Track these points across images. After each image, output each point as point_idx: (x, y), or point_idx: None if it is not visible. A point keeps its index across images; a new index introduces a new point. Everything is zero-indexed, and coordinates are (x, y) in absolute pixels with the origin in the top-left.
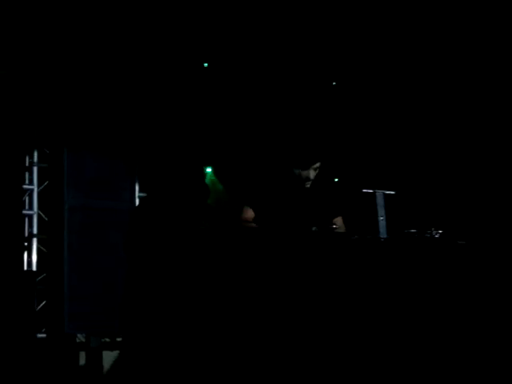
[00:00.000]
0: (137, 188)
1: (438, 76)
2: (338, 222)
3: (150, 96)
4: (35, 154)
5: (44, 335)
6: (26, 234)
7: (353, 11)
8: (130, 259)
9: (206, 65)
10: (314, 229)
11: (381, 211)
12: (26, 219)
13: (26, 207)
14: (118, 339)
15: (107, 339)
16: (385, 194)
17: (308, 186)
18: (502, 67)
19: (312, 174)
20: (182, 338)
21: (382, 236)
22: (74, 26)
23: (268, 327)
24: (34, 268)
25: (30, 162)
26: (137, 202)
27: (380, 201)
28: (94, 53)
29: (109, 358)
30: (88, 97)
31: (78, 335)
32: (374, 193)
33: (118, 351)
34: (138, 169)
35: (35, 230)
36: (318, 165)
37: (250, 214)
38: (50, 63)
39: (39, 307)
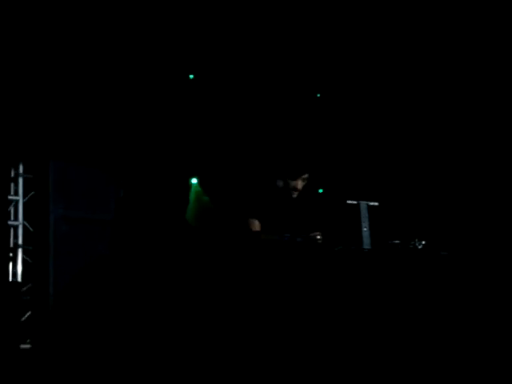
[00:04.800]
0: None
1: (421, 88)
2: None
3: (136, 106)
4: (20, 164)
5: (28, 346)
6: (12, 245)
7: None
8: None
9: (191, 76)
10: (298, 240)
11: (364, 222)
12: (12, 230)
13: (12, 218)
14: None
15: None
16: (368, 205)
17: (294, 195)
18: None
19: (300, 184)
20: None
21: (365, 247)
22: (60, 41)
23: (257, 339)
24: (19, 279)
25: (15, 173)
26: None
27: (364, 212)
28: (79, 65)
29: None
30: (73, 107)
31: None
32: (358, 204)
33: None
34: (123, 179)
35: (20, 241)
36: (306, 175)
37: (256, 225)
38: (35, 75)
39: (24, 318)
